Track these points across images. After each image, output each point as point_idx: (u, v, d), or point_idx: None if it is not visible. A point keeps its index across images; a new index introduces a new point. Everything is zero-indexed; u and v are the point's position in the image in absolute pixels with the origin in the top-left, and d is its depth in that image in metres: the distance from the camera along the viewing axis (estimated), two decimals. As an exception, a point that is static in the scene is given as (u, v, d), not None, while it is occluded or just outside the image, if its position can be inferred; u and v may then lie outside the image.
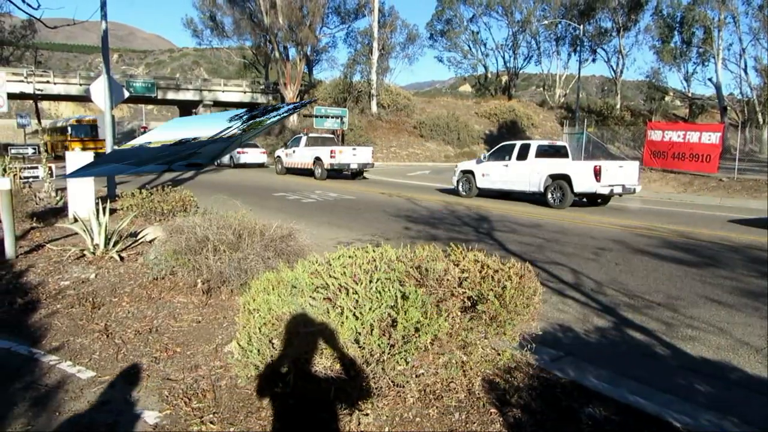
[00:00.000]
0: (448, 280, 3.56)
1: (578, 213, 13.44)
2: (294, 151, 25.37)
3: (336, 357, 3.04)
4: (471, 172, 17.03)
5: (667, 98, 54.62)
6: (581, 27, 41.34)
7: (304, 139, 25.23)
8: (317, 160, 23.40)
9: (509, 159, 15.91)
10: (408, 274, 3.56)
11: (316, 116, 32.49)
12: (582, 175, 13.94)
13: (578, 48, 44.88)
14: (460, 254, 3.94)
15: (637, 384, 3.67)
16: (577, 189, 13.98)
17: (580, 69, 38.33)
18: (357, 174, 24.19)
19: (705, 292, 6.25)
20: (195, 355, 4.08)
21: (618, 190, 14.02)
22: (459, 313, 3.39)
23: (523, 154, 15.52)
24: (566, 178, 14.14)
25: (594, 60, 53.56)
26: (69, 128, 39.41)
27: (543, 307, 4.38)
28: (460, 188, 17.29)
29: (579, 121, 33.20)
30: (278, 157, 27.18)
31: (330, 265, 3.65)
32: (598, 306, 5.72)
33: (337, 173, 23.70)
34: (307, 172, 24.45)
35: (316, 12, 39.68)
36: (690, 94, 50.52)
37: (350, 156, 23.11)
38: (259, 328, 3.23)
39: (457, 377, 3.33)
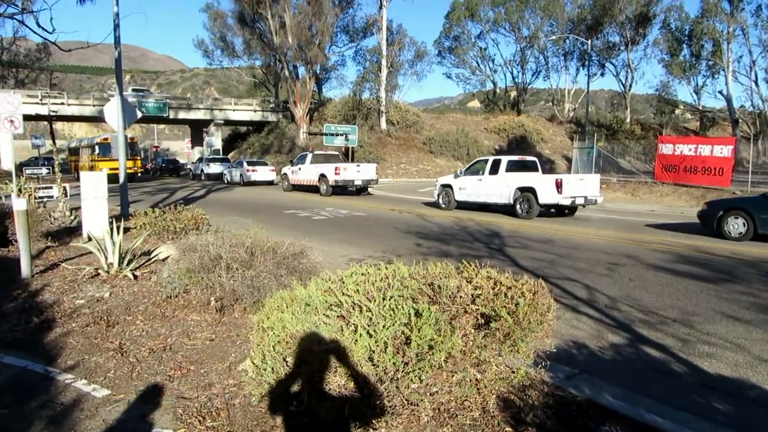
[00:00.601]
0: (461, 297, 3.56)
1: (551, 224, 13.44)
2: (300, 169, 25.72)
3: (350, 375, 3.04)
4: (450, 186, 17.97)
5: (677, 111, 54.55)
6: (589, 42, 41.50)
7: (309, 157, 25.59)
8: (322, 176, 23.73)
9: (483, 174, 16.93)
10: (421, 292, 3.56)
11: (326, 134, 32.78)
12: (546, 188, 14.94)
13: (586, 62, 44.99)
14: (472, 271, 3.94)
15: (654, 402, 3.63)
16: (541, 200, 14.97)
17: (588, 83, 38.41)
18: (361, 190, 24.43)
19: (721, 308, 6.18)
20: (209, 373, 4.09)
21: (580, 201, 15.11)
22: (472, 331, 3.38)
23: (495, 169, 16.59)
24: (532, 191, 15.16)
25: (603, 74, 53.69)
26: (96, 147, 33.96)
27: (557, 324, 4.36)
28: (440, 201, 18.24)
29: (589, 136, 33.15)
30: (285, 174, 27.54)
31: (343, 282, 3.66)
32: (613, 322, 5.68)
33: (342, 190, 23.95)
34: (312, 189, 24.70)
35: (325, 31, 40.11)
36: (700, 107, 50.40)
37: (354, 173, 23.47)
38: (273, 347, 3.24)
39: (472, 395, 3.32)
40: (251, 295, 5.25)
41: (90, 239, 8.16)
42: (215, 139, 48.95)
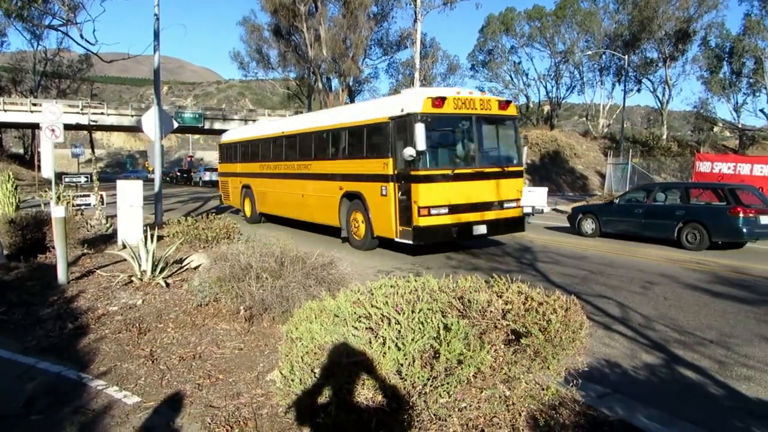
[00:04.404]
0: (491, 311, 3.51)
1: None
2: None
3: (378, 388, 3.01)
4: None
5: (715, 129, 53.23)
6: (626, 57, 40.88)
7: None
8: None
9: None
10: (450, 305, 3.52)
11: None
12: None
13: (623, 78, 44.31)
14: (503, 285, 3.88)
15: (691, 425, 3.51)
16: None
17: (624, 99, 37.71)
18: None
19: (760, 331, 5.95)
20: (237, 382, 4.11)
21: (527, 210, 16.06)
22: (502, 346, 3.32)
23: None
24: None
25: (639, 90, 52.84)
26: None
27: (589, 342, 4.26)
28: None
29: (624, 152, 32.58)
30: None
31: (372, 294, 3.65)
32: (647, 342, 5.52)
33: None
34: None
35: (359, 44, 40.55)
36: (740, 125, 49.10)
37: None
38: (302, 357, 3.23)
39: (501, 412, 3.25)
40: (280, 305, 5.27)
41: (124, 247, 8.34)
42: (248, 150, 49.73)
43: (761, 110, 44.26)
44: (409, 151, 9.49)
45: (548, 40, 52.57)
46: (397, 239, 10.17)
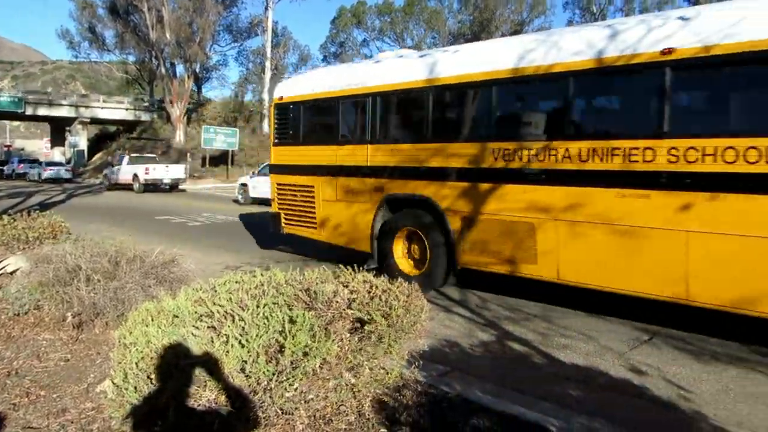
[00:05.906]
0: (337, 302, 3.57)
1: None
2: (118, 169, 28.18)
3: (221, 388, 2.93)
4: (246, 185, 20.99)
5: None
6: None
7: (126, 158, 28.47)
8: (135, 176, 26.44)
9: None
10: (297, 298, 3.52)
11: (206, 137, 32.01)
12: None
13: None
14: (349, 275, 3.96)
15: (519, 394, 3.85)
16: None
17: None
18: (173, 187, 27.56)
19: (576, 303, 6.68)
20: (63, 397, 3.73)
21: None
22: (348, 335, 3.40)
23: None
24: None
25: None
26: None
27: (430, 324, 4.51)
28: (240, 197, 21.19)
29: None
30: (106, 174, 30.29)
31: (215, 291, 3.53)
32: (482, 320, 5.97)
33: (154, 187, 26.85)
34: (129, 187, 27.33)
35: (206, 29, 38.72)
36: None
37: (163, 172, 26.85)
38: (136, 363, 3.03)
39: (347, 400, 3.32)
40: (115, 309, 4.88)
41: None
42: (80, 138, 45.33)
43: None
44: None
45: (398, 35, 54.35)
46: None
